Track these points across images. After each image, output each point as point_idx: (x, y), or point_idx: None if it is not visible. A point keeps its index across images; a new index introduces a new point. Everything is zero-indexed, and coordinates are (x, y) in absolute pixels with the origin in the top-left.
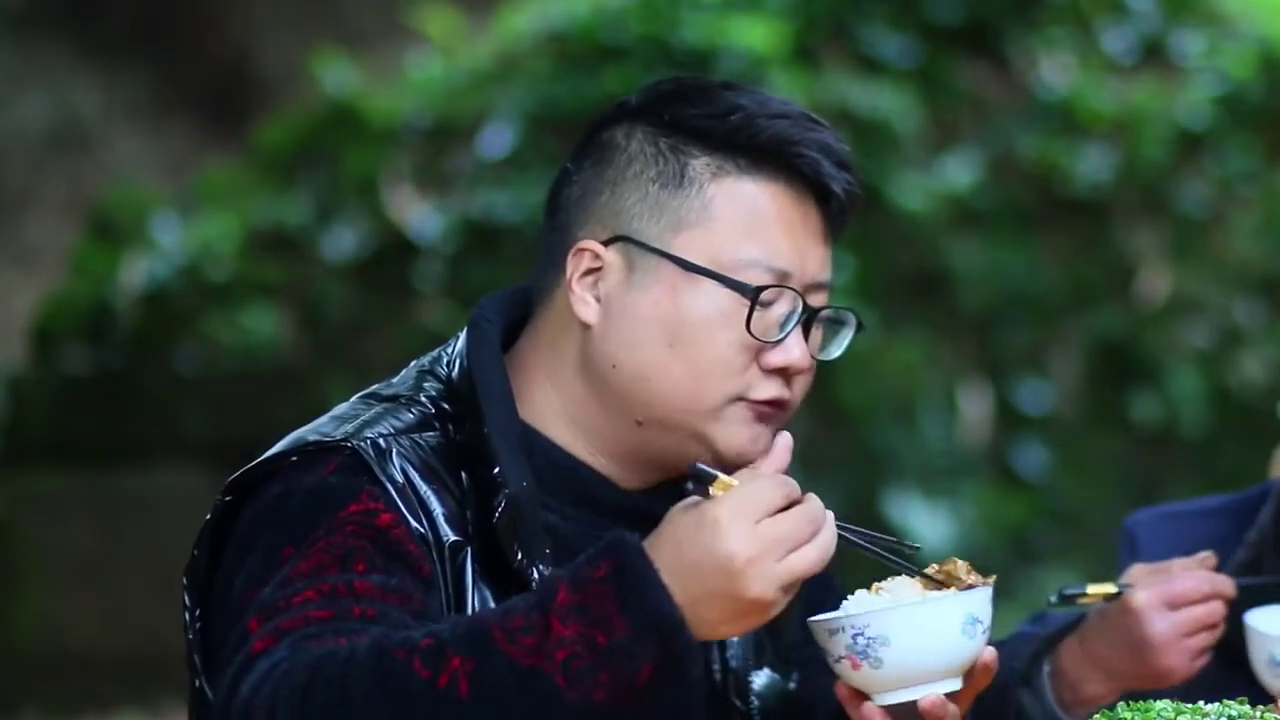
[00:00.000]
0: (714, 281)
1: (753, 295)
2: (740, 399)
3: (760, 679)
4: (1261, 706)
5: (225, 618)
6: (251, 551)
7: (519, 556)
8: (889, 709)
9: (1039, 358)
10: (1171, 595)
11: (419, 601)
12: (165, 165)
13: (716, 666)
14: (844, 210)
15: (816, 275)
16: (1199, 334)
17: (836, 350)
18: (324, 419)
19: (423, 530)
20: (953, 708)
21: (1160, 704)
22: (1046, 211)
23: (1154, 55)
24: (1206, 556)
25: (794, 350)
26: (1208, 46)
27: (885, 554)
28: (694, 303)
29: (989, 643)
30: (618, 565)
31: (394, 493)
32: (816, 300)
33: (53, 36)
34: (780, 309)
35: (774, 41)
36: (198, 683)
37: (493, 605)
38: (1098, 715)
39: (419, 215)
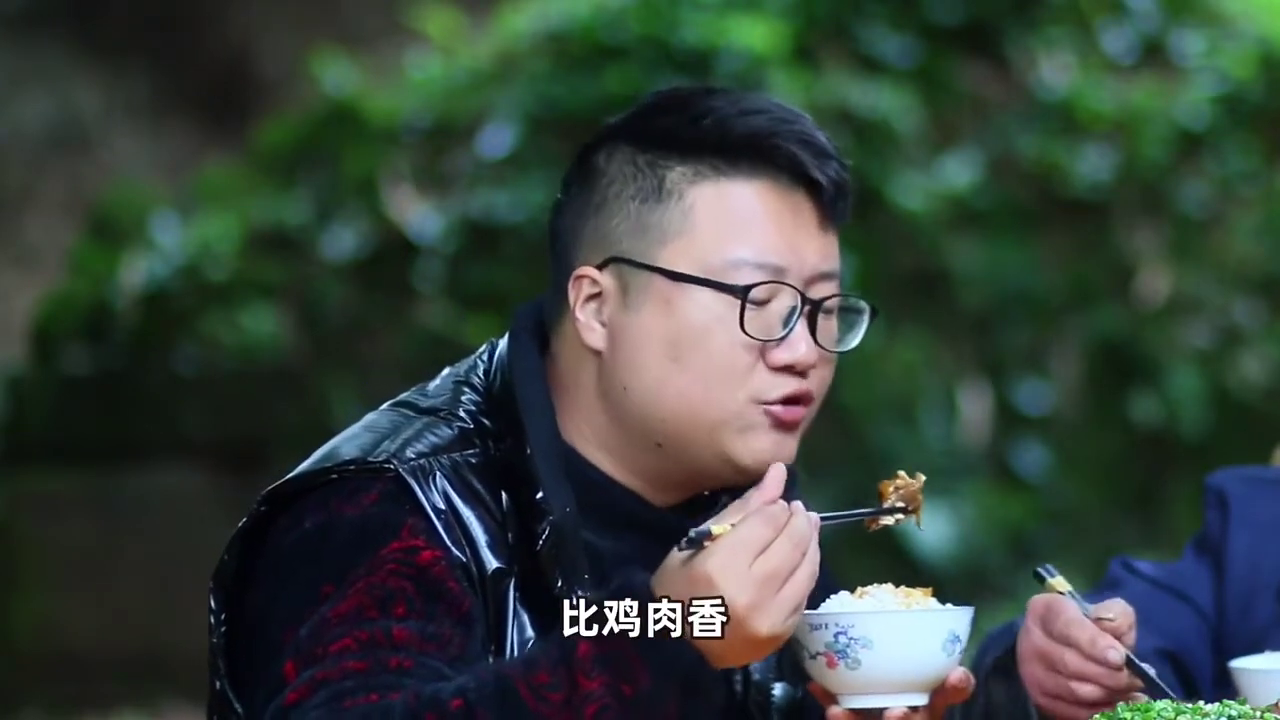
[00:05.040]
0: (704, 287)
1: (742, 295)
2: (756, 403)
3: (779, 690)
4: (1263, 706)
5: (259, 646)
6: (290, 583)
7: (559, 584)
8: (858, 717)
9: (1039, 358)
10: (1045, 616)
11: (457, 645)
12: (165, 165)
13: (738, 678)
14: (836, 198)
15: (818, 266)
16: (1199, 334)
17: (854, 340)
18: (359, 429)
19: (464, 560)
20: (917, 719)
21: (1160, 704)
22: (1046, 211)
23: (1154, 55)
24: (1111, 620)
25: (799, 346)
26: (1208, 46)
27: (871, 511)
28: (688, 312)
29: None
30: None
31: (436, 522)
32: (822, 290)
33: (53, 36)
34: (780, 305)
35: (774, 41)
36: (219, 684)
37: (531, 632)
38: (1098, 716)
39: (419, 215)
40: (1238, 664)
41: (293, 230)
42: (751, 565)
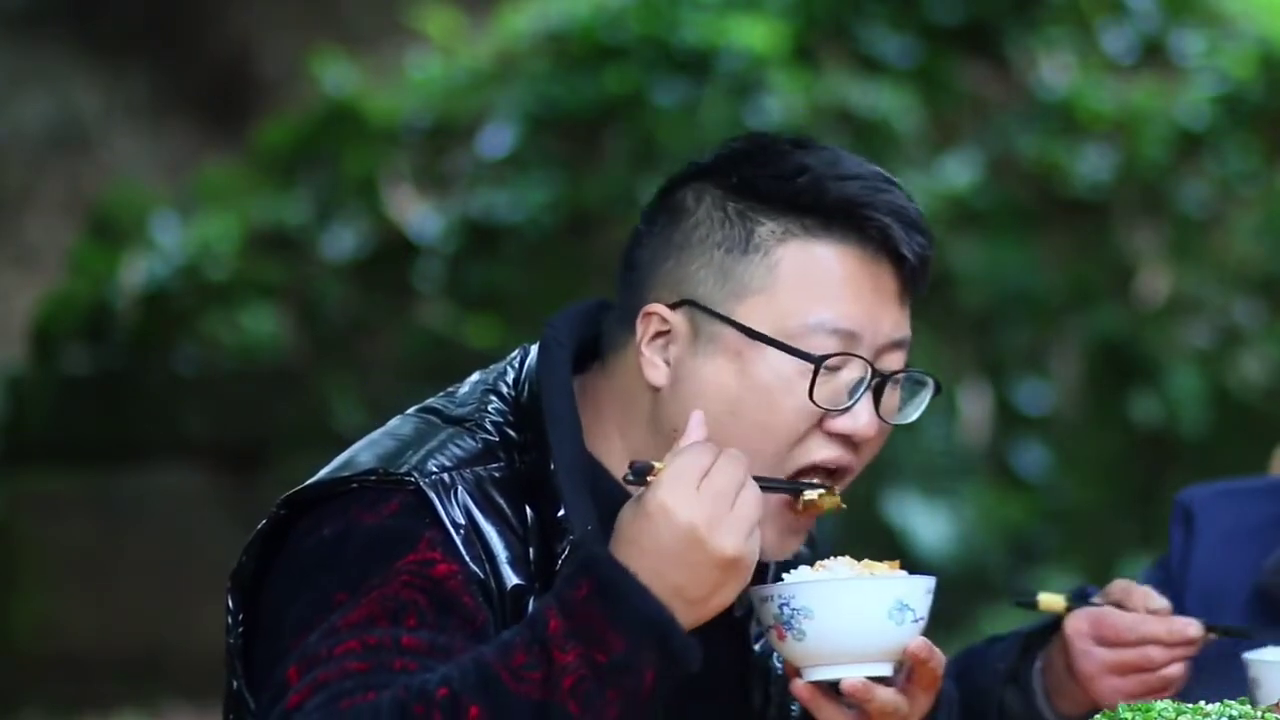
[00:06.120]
0: (778, 350)
1: (817, 364)
2: (798, 471)
3: (797, 706)
4: (1263, 706)
5: (269, 650)
6: (304, 589)
7: None
8: (822, 690)
9: (1039, 358)
10: (1101, 631)
11: None
12: (165, 165)
13: (759, 692)
14: (918, 271)
15: (891, 335)
16: (1199, 334)
17: (914, 413)
18: (383, 435)
19: (482, 576)
20: (883, 693)
21: (1161, 704)
22: (1046, 211)
23: (1154, 55)
24: (1163, 607)
25: (861, 417)
26: (1208, 46)
27: (796, 484)
28: (758, 371)
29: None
30: (597, 581)
31: (455, 537)
32: (892, 360)
33: (53, 36)
34: (849, 374)
35: (774, 41)
36: (235, 684)
37: None
38: (1099, 716)
39: (419, 215)
40: (1251, 656)
41: (293, 230)
42: (699, 486)
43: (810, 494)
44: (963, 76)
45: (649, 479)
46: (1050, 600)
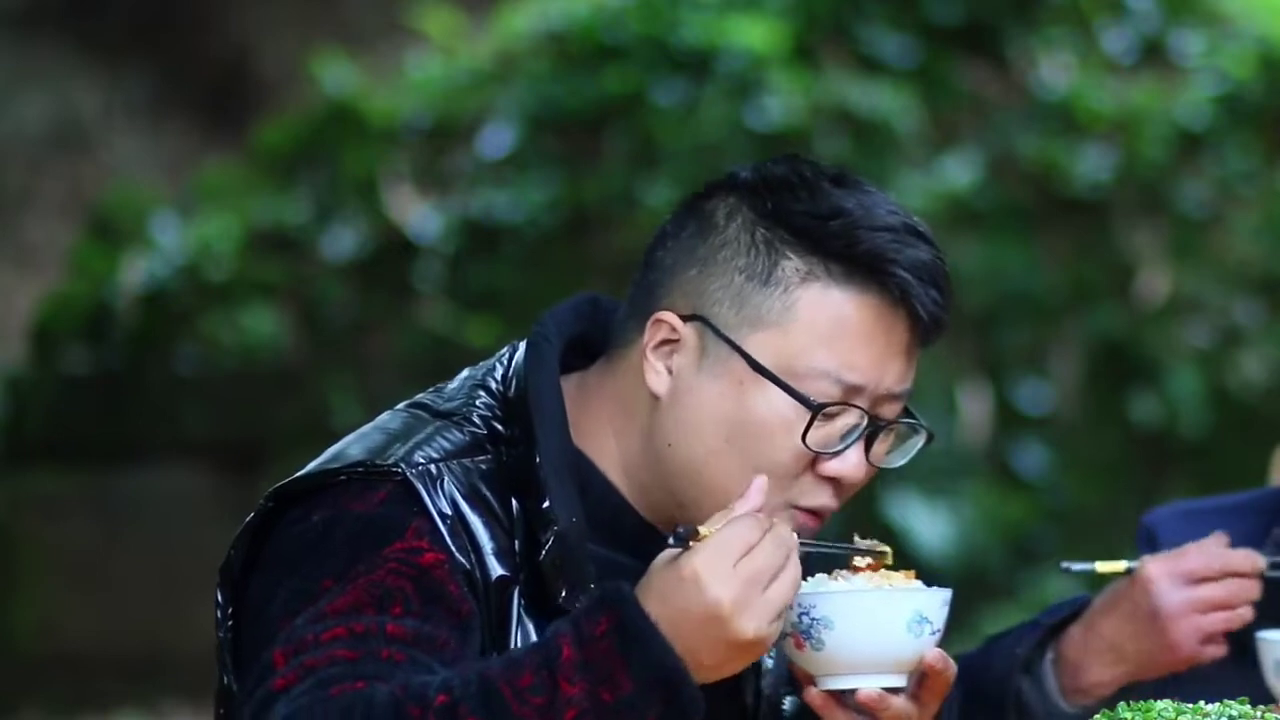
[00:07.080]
0: (779, 389)
1: (814, 409)
2: (789, 506)
3: (789, 703)
4: (1263, 706)
5: (255, 635)
6: (291, 574)
7: (563, 594)
8: (835, 698)
9: (1039, 358)
10: (1184, 569)
11: (453, 649)
12: (165, 165)
13: (750, 691)
14: (930, 329)
15: (893, 387)
16: (1199, 334)
17: (900, 459)
18: (372, 429)
19: (468, 566)
20: (897, 703)
21: (1161, 704)
22: (1046, 211)
23: (1154, 55)
24: (1219, 534)
25: (850, 459)
26: (1207, 46)
27: (851, 549)
28: (756, 404)
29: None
30: (618, 620)
31: (442, 527)
32: (889, 410)
33: (53, 36)
34: (845, 421)
35: (774, 41)
36: (225, 679)
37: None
38: (1099, 716)
39: (419, 215)
40: (1266, 635)
41: (293, 230)
42: (737, 564)
43: (860, 561)
44: (963, 76)
45: (691, 544)
46: (1109, 566)
